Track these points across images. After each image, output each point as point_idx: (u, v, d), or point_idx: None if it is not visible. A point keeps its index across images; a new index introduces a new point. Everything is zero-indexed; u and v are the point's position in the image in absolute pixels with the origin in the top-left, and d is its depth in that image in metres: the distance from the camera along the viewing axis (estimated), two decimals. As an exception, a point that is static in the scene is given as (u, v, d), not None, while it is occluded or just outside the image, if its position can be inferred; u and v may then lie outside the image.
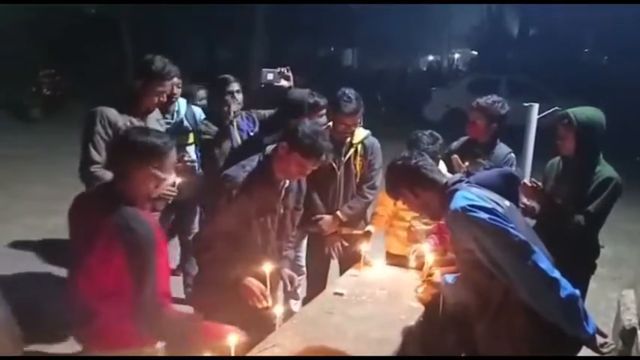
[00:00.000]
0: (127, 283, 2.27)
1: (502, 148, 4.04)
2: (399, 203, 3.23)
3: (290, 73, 4.35)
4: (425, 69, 37.67)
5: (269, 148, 3.09)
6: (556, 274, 2.30)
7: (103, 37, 19.09)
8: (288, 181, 3.12)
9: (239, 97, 4.29)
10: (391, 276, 3.55)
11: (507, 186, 2.66)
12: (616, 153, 3.53)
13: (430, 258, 3.29)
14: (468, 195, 2.46)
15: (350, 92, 3.93)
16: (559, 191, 3.59)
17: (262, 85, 4.39)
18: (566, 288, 2.28)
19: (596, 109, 3.52)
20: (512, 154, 4.04)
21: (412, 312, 3.02)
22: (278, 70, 4.34)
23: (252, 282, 2.90)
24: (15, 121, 13.75)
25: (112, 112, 3.58)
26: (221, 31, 24.49)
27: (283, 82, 4.33)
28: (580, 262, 3.37)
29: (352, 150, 4.04)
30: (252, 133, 4.28)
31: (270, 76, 4.34)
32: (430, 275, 3.13)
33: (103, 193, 2.48)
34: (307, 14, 25.76)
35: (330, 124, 3.96)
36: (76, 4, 19.80)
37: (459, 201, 2.45)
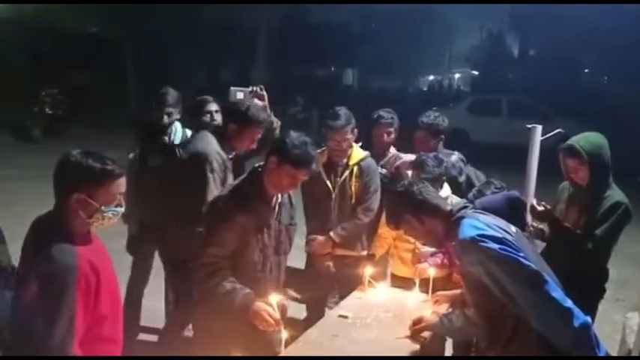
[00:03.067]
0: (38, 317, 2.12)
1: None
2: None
3: (264, 92, 4.12)
4: (425, 89, 37.77)
5: (257, 164, 3.05)
6: (568, 303, 2.28)
7: (106, 58, 19.20)
8: (280, 197, 3.09)
9: (218, 117, 4.20)
10: (396, 298, 3.53)
11: (513, 210, 2.64)
12: (617, 173, 3.51)
13: (432, 272, 3.33)
14: (477, 224, 2.41)
15: (340, 109, 3.97)
16: (569, 214, 3.57)
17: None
18: (579, 317, 2.26)
19: (597, 134, 3.50)
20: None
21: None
22: (250, 89, 4.11)
23: (262, 306, 2.82)
24: (16, 141, 13.74)
25: (221, 151, 3.73)
26: (223, 52, 24.65)
27: (257, 102, 4.07)
28: (590, 286, 3.35)
29: (348, 171, 4.05)
30: (230, 156, 4.19)
31: (239, 95, 4.10)
32: (419, 322, 2.95)
33: (44, 219, 2.33)
34: (308, 34, 25.96)
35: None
36: (77, 24, 19.99)
37: (467, 230, 2.40)
